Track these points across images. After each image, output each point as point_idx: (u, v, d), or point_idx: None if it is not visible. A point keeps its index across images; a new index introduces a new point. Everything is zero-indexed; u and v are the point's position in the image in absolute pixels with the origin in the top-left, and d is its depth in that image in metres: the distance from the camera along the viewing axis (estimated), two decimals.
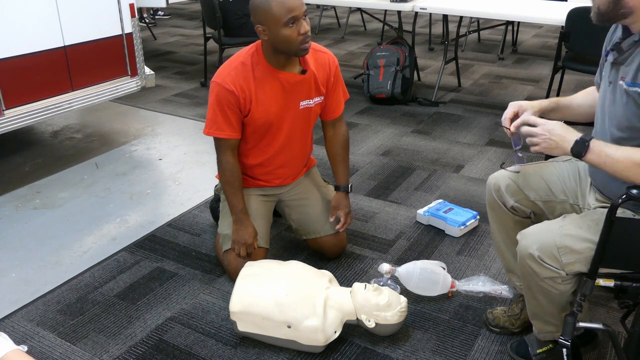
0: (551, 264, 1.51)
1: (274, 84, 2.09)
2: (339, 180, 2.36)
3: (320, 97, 2.21)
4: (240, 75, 2.05)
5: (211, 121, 2.11)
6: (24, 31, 2.87)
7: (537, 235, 1.56)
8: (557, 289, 1.56)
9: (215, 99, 2.07)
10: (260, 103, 2.08)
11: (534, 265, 1.54)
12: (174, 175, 3.25)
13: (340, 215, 2.32)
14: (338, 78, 2.25)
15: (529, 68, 5.27)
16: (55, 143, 3.71)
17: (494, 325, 2.00)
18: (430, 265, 2.19)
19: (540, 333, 1.75)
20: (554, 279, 1.53)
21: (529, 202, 1.79)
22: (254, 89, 2.06)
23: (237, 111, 2.08)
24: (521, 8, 4.02)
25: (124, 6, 3.31)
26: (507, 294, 2.14)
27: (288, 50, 2.00)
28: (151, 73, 3.73)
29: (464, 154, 3.45)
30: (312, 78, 2.15)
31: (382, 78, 4.25)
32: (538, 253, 1.52)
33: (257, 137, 2.18)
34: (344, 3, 5.31)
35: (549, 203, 1.77)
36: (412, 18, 4.83)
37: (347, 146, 2.37)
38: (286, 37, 1.93)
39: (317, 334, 1.84)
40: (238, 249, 2.19)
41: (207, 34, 4.78)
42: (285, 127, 2.18)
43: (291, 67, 2.10)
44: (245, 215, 2.20)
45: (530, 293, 1.64)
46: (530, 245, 1.54)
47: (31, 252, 2.53)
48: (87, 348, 1.96)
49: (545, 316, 1.68)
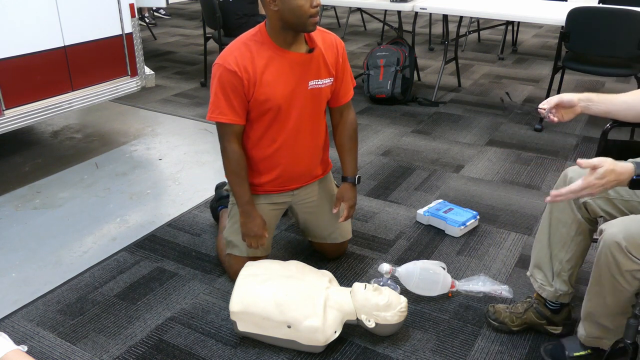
0: (637, 256, 1.47)
1: (281, 63, 1.98)
2: (346, 171, 2.24)
3: (330, 79, 2.09)
4: (244, 55, 1.95)
5: (213, 105, 1.99)
6: (24, 31, 2.87)
7: (626, 225, 1.52)
8: (632, 286, 1.51)
9: (218, 82, 1.97)
10: (265, 84, 1.97)
11: (618, 255, 1.49)
12: (174, 175, 3.25)
13: (344, 207, 2.24)
14: (346, 61, 2.14)
15: (529, 68, 5.27)
16: (55, 143, 3.71)
17: (493, 319, 2.00)
18: (430, 265, 2.19)
19: (588, 337, 1.69)
20: (634, 274, 1.49)
21: (607, 200, 1.72)
22: (259, 70, 1.96)
23: (241, 94, 1.97)
24: (521, 8, 4.02)
25: (124, 6, 3.31)
26: (507, 294, 2.14)
27: (297, 23, 1.90)
28: (151, 73, 3.72)
29: (464, 154, 3.45)
30: (321, 57, 2.05)
31: (382, 78, 4.25)
32: (625, 243, 1.47)
33: (264, 123, 2.05)
34: (344, 3, 5.31)
35: (630, 202, 1.70)
36: (412, 18, 4.83)
37: (356, 135, 2.25)
38: (299, 7, 1.86)
39: (317, 334, 1.84)
40: (249, 242, 2.12)
41: (207, 34, 4.78)
42: (295, 111, 2.05)
43: (298, 46, 2.00)
44: (252, 206, 2.10)
45: (598, 289, 1.59)
46: (617, 234, 1.49)
47: (31, 252, 2.53)
48: (87, 348, 1.96)
49: (602, 318, 1.63)
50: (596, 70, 3.65)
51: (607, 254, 1.52)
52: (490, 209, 2.81)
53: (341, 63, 2.12)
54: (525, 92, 4.59)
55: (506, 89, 4.64)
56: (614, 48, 3.40)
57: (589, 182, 1.46)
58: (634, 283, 1.52)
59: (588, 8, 3.43)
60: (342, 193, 2.24)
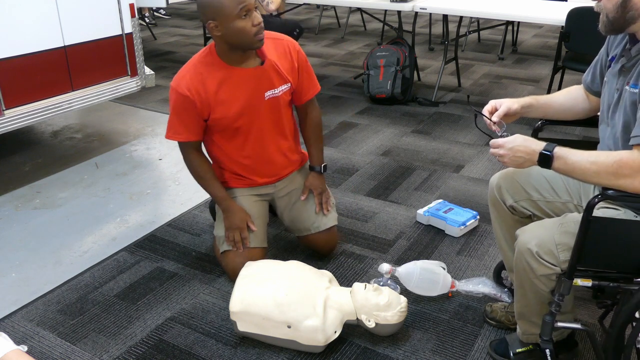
0: (548, 261, 1.51)
1: (234, 81, 2.07)
2: (313, 161, 2.38)
3: (287, 85, 2.18)
4: (195, 78, 2.05)
5: (170, 125, 2.15)
6: (24, 31, 2.87)
7: (537, 231, 1.56)
8: (549, 287, 1.56)
9: (173, 104, 2.11)
10: (220, 103, 2.07)
11: (531, 261, 1.54)
12: (174, 175, 3.25)
13: (314, 195, 2.33)
14: (303, 62, 2.22)
15: (529, 68, 5.27)
16: (55, 143, 3.71)
17: (490, 318, 2.03)
18: (430, 265, 2.19)
19: (524, 334, 1.76)
20: (549, 277, 1.54)
21: (531, 202, 1.79)
22: (211, 90, 2.05)
23: (194, 115, 2.08)
24: (521, 8, 4.02)
25: (124, 6, 3.31)
26: (507, 299, 2.12)
27: (243, 43, 1.98)
28: (151, 73, 3.72)
29: (464, 154, 3.45)
30: (272, 67, 2.12)
31: (382, 78, 4.25)
32: (536, 249, 1.52)
33: (227, 137, 2.18)
34: (344, 3, 5.31)
35: (553, 204, 1.77)
36: (412, 18, 4.84)
37: (320, 128, 2.39)
38: (240, 29, 1.92)
39: (317, 334, 1.84)
40: (231, 235, 2.18)
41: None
42: (256, 122, 2.16)
43: (248, 61, 2.09)
44: (230, 201, 2.21)
45: (522, 291, 1.65)
46: (529, 241, 1.54)
47: (31, 252, 2.53)
48: (87, 348, 1.96)
49: (532, 317, 1.69)
50: None
51: (522, 260, 1.57)
52: None
53: (297, 67, 2.20)
54: (525, 92, 4.59)
55: (506, 89, 4.64)
56: None
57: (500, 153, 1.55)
58: (550, 284, 1.56)
59: (588, 8, 3.43)
60: (310, 181, 2.36)
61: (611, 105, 1.58)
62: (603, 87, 1.66)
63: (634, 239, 1.47)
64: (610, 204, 1.58)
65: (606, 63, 1.68)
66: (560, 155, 1.45)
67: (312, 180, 2.36)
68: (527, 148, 1.50)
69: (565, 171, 1.47)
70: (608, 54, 1.68)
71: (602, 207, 1.58)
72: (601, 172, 1.42)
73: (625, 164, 1.39)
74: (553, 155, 1.46)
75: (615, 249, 1.49)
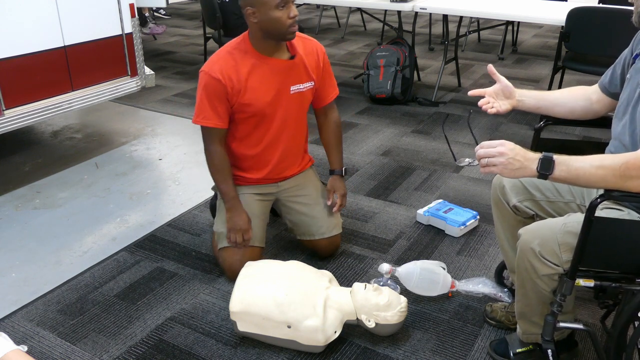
0: (551, 260, 1.51)
1: (264, 70, 2.12)
2: (333, 164, 2.41)
3: (311, 83, 2.24)
4: (228, 64, 2.09)
5: (199, 109, 2.14)
6: (24, 31, 2.87)
7: (540, 230, 1.56)
8: (551, 287, 1.56)
9: (203, 88, 2.11)
10: (250, 90, 2.10)
11: (534, 261, 1.54)
12: (174, 175, 3.25)
13: (337, 197, 2.35)
14: (327, 65, 2.29)
15: (529, 68, 5.27)
16: (55, 143, 3.71)
17: (490, 318, 2.03)
18: (430, 265, 2.19)
19: (524, 334, 1.76)
20: (552, 277, 1.53)
21: (534, 202, 1.79)
22: (243, 77, 2.09)
23: (225, 100, 2.10)
24: (521, 8, 4.02)
25: (124, 6, 3.31)
26: (507, 299, 2.12)
27: (277, 33, 2.03)
28: (151, 73, 3.72)
29: (464, 154, 3.45)
30: (302, 63, 2.18)
31: (382, 78, 4.25)
32: (539, 248, 1.51)
33: (251, 125, 2.20)
34: (344, 3, 5.31)
35: (556, 204, 1.76)
36: (412, 18, 4.83)
37: (340, 132, 2.42)
38: (277, 19, 1.98)
39: (317, 334, 1.84)
40: (234, 236, 2.19)
41: (207, 34, 4.78)
42: (279, 113, 2.19)
43: (280, 53, 2.14)
44: (238, 202, 2.22)
45: (523, 291, 1.65)
46: (531, 240, 1.54)
47: (31, 252, 2.53)
48: (87, 348, 1.96)
49: (533, 317, 1.68)
50: (596, 70, 3.63)
51: (524, 259, 1.57)
52: (490, 209, 2.80)
53: (322, 67, 2.27)
54: None
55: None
56: (614, 48, 3.39)
57: (497, 150, 1.44)
58: (552, 284, 1.56)
59: (588, 8, 3.43)
60: (332, 184, 2.39)
61: (631, 101, 1.55)
62: (625, 85, 1.63)
63: (637, 240, 1.46)
64: (613, 204, 1.58)
65: (629, 62, 1.66)
66: (562, 161, 1.39)
67: (335, 182, 2.39)
68: (526, 154, 1.43)
69: (567, 178, 1.41)
70: (632, 52, 1.66)
71: (605, 207, 1.57)
72: (608, 176, 1.38)
73: (633, 165, 1.37)
74: (554, 160, 1.39)
75: (617, 249, 1.49)
